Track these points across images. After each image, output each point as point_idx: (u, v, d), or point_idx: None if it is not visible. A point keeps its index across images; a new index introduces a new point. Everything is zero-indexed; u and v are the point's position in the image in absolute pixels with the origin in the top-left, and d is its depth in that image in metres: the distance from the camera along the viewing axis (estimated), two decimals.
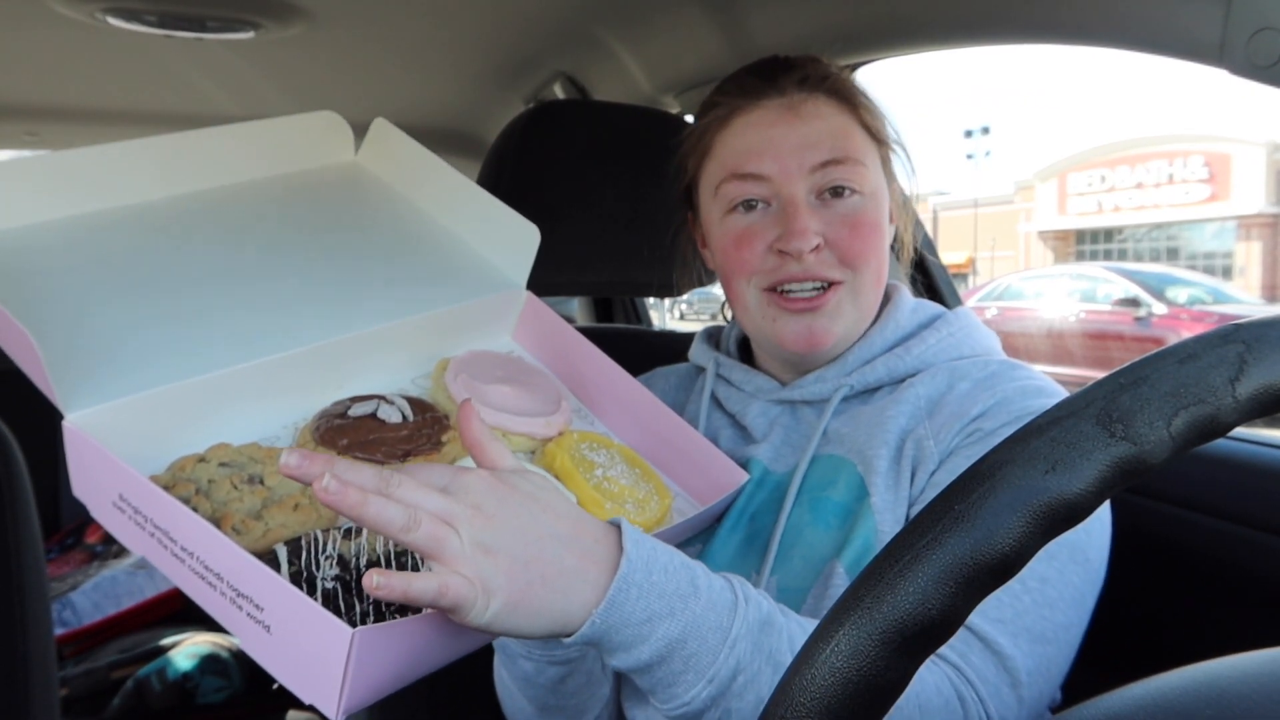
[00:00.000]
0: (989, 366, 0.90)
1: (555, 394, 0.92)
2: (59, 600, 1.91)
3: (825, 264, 0.90)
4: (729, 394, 1.00)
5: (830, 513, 0.87)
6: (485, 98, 1.92)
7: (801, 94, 0.92)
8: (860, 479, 0.88)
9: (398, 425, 0.83)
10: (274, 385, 0.84)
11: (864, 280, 0.92)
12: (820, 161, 0.90)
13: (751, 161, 0.92)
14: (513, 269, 0.98)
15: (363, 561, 0.70)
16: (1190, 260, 26.64)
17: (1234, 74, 0.80)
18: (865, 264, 0.91)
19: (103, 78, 1.74)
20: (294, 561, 0.68)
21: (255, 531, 0.71)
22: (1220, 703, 0.34)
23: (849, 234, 0.90)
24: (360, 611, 0.67)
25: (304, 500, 0.74)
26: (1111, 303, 11.81)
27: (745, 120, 0.93)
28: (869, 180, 0.92)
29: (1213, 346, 0.38)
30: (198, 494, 0.73)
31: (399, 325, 0.90)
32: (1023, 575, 0.76)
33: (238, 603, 0.62)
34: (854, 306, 0.92)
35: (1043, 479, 0.37)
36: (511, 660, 0.93)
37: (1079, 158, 30.12)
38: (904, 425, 0.88)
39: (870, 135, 0.94)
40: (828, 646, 0.37)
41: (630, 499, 0.84)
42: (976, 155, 35.33)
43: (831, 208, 0.91)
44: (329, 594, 0.67)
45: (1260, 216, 25.11)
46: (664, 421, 0.91)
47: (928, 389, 0.90)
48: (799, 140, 0.91)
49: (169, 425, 0.77)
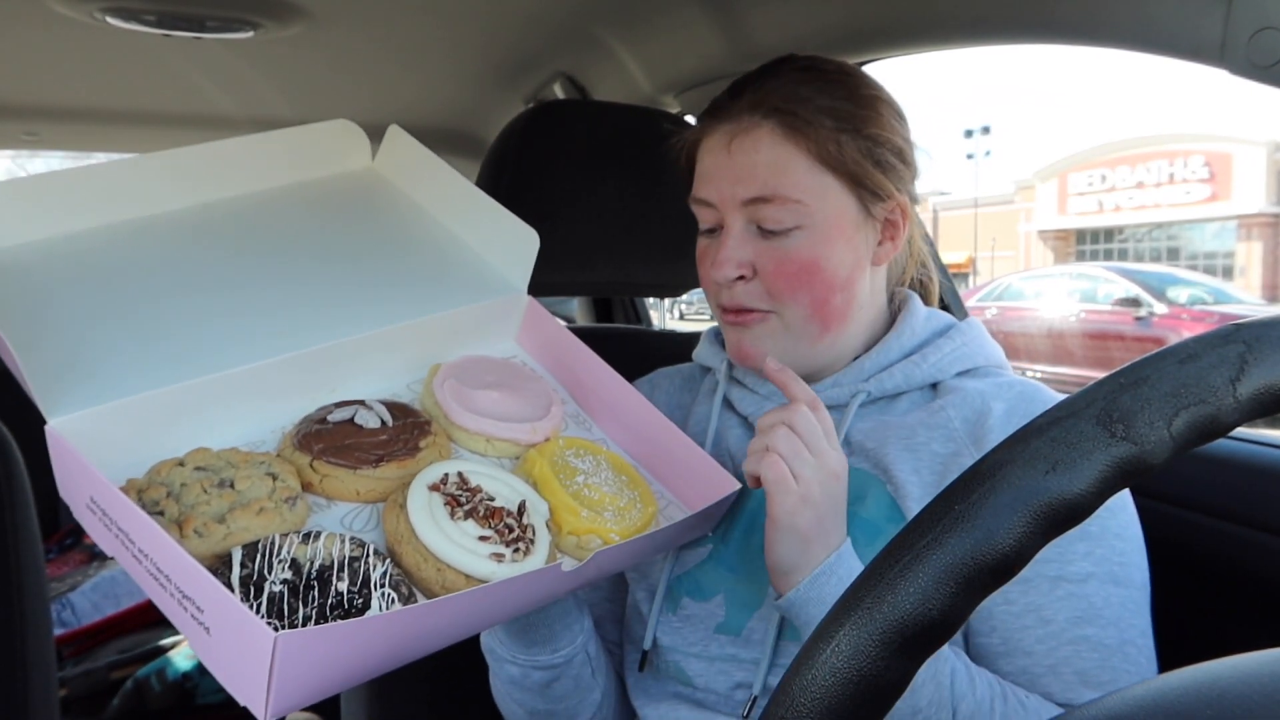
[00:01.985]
0: (1014, 387, 0.91)
1: (546, 400, 0.92)
2: (58, 600, 1.91)
3: (752, 295, 0.91)
4: (741, 395, 1.00)
5: (858, 528, 0.87)
6: (485, 98, 1.91)
7: (750, 119, 0.90)
8: (891, 500, 0.88)
9: (375, 430, 0.83)
10: (265, 390, 0.84)
11: (793, 314, 0.91)
12: (749, 198, 0.89)
13: (702, 187, 0.93)
14: (513, 274, 0.98)
15: (316, 566, 0.71)
16: (1191, 260, 26.64)
17: (1235, 74, 0.80)
18: (792, 299, 0.90)
19: (101, 77, 1.74)
20: (246, 564, 0.69)
21: (216, 534, 0.72)
22: (1220, 703, 0.34)
23: (774, 270, 0.90)
24: (303, 616, 0.68)
25: (269, 504, 0.75)
26: (1112, 303, 11.81)
27: (705, 146, 0.94)
28: (811, 214, 0.89)
29: (1213, 346, 0.38)
30: (168, 497, 0.74)
31: (396, 330, 0.91)
32: (1131, 637, 0.81)
33: (183, 604, 0.64)
34: (787, 336, 0.92)
35: (1043, 479, 0.37)
36: (499, 664, 0.93)
37: (1079, 157, 30.13)
38: (939, 450, 0.89)
39: (823, 163, 0.89)
40: (828, 646, 0.37)
41: (610, 507, 0.84)
42: (976, 155, 35.32)
43: (767, 239, 0.90)
44: (275, 597, 0.68)
45: (1261, 216, 25.10)
46: (659, 429, 0.91)
47: (960, 412, 0.90)
48: (733, 174, 0.90)
49: (155, 429, 0.79)
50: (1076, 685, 0.80)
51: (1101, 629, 0.80)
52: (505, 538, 0.76)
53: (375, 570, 0.72)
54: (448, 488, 0.78)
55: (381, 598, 0.70)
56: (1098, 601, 0.81)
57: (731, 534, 0.94)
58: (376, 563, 0.72)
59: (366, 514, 0.81)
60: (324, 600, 0.69)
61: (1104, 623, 0.80)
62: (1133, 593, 0.82)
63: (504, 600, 0.73)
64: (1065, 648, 0.80)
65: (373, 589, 0.70)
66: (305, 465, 0.80)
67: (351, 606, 0.69)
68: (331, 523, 0.79)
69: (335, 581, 0.70)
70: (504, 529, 0.77)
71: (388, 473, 0.80)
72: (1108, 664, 0.80)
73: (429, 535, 0.74)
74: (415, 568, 0.74)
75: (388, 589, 0.71)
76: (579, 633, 0.93)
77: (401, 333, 0.91)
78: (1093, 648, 0.80)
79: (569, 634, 0.92)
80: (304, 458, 0.80)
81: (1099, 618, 0.80)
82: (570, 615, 0.92)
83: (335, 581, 0.70)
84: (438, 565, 0.74)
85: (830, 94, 0.90)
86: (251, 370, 0.82)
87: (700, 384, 1.07)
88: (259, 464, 0.78)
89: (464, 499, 0.78)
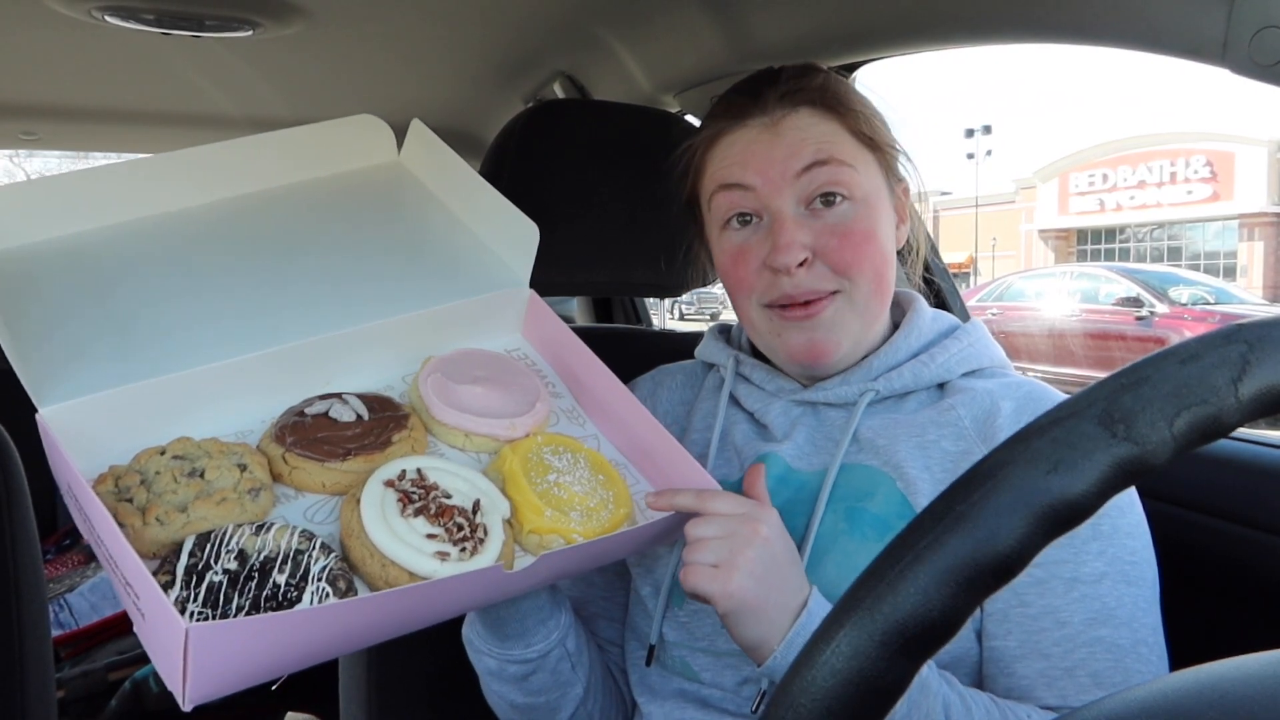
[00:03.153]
0: (1021, 387, 0.92)
1: (533, 395, 0.92)
2: (56, 601, 1.91)
3: (818, 277, 0.90)
4: (748, 392, 1.00)
5: (868, 524, 0.87)
6: (485, 97, 1.91)
7: (784, 109, 0.91)
8: (902, 496, 0.88)
9: (348, 424, 0.84)
10: (258, 382, 0.85)
11: (861, 289, 0.91)
12: (804, 166, 0.89)
13: (735, 173, 0.92)
14: (516, 267, 0.98)
15: (262, 558, 0.72)
16: (1192, 260, 26.64)
17: (1236, 73, 0.80)
18: (859, 272, 0.90)
19: (100, 77, 1.74)
20: (195, 554, 0.71)
21: (176, 523, 0.74)
22: (1223, 704, 0.33)
23: (838, 243, 0.89)
24: (236, 606, 0.69)
25: (231, 495, 0.76)
26: (1113, 302, 11.81)
27: (730, 139, 0.94)
28: (860, 185, 0.91)
29: (1215, 346, 0.38)
30: (140, 484, 0.75)
31: (396, 322, 0.91)
32: (1144, 636, 0.81)
33: (127, 590, 0.67)
34: (854, 315, 0.92)
35: (1044, 479, 0.37)
36: (478, 655, 0.95)
37: (1080, 156, 30.13)
38: (949, 449, 0.89)
39: (862, 141, 0.92)
40: (828, 647, 0.37)
41: (578, 507, 0.84)
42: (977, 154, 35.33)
43: (821, 218, 0.90)
44: (213, 587, 0.70)
45: (1263, 215, 25.11)
46: (650, 431, 0.91)
47: (970, 410, 0.90)
48: (782, 152, 0.90)
49: (146, 419, 0.80)
50: (1090, 687, 0.80)
51: (1115, 630, 0.80)
52: (453, 536, 0.77)
53: (316, 564, 0.73)
54: (402, 484, 0.79)
55: (315, 592, 0.71)
56: (1111, 602, 0.81)
57: None
58: (320, 556, 0.74)
59: (330, 506, 0.82)
60: (259, 592, 0.70)
61: (1118, 623, 0.81)
62: (1144, 591, 0.83)
63: (439, 598, 0.73)
64: (1081, 650, 0.80)
65: (309, 582, 0.72)
66: (278, 456, 0.81)
67: (284, 599, 0.70)
68: (296, 513, 0.80)
69: (275, 574, 0.71)
70: (453, 527, 0.77)
71: (354, 466, 0.81)
72: (1121, 664, 0.80)
73: (376, 531, 0.75)
74: (361, 562, 0.75)
75: (323, 583, 0.72)
76: (555, 628, 0.93)
77: (401, 325, 0.92)
78: (1107, 649, 0.80)
79: (543, 629, 0.92)
80: (277, 449, 0.82)
81: (1113, 618, 0.81)
82: (544, 611, 0.92)
83: (275, 574, 0.71)
84: (382, 561, 0.74)
85: (841, 86, 0.95)
86: (244, 362, 0.83)
87: (703, 381, 1.07)
88: (232, 454, 0.79)
89: (416, 496, 0.78)
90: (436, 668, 1.24)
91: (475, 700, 1.01)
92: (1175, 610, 1.03)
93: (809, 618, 0.79)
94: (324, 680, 1.29)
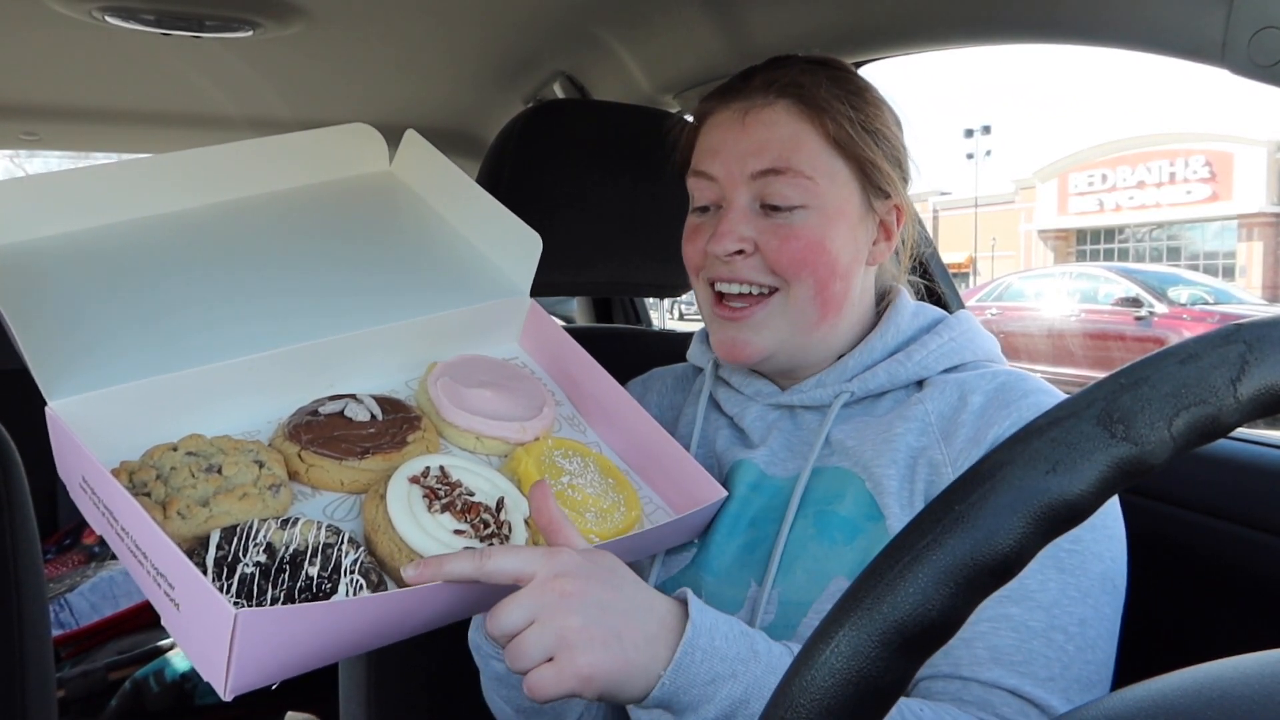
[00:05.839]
0: (996, 378, 0.89)
1: (539, 401, 0.92)
2: (56, 601, 1.91)
3: (754, 269, 0.90)
4: (727, 396, 1.00)
5: (837, 528, 0.86)
6: (485, 98, 1.91)
7: (763, 99, 0.90)
8: (870, 497, 0.86)
9: (363, 424, 0.84)
10: (264, 382, 0.86)
11: (797, 293, 0.90)
12: (759, 170, 0.89)
13: (705, 160, 0.93)
14: (517, 276, 0.98)
15: (290, 551, 0.72)
16: (1192, 260, 26.64)
17: (1236, 73, 0.80)
18: (796, 276, 0.89)
19: (100, 77, 1.74)
20: (223, 546, 0.71)
21: (199, 517, 0.74)
22: (1222, 704, 0.33)
23: (779, 244, 0.89)
24: (271, 597, 0.69)
25: (252, 490, 0.76)
26: (1112, 303, 11.81)
27: (712, 121, 0.94)
28: (819, 194, 0.89)
29: (1214, 347, 0.38)
30: (157, 479, 0.76)
31: (398, 328, 0.92)
32: (1063, 624, 0.77)
33: (158, 580, 0.66)
34: (786, 320, 0.91)
35: (1043, 480, 0.37)
36: (486, 660, 0.93)
37: (1079, 157, 30.12)
38: (913, 444, 0.87)
39: (836, 146, 0.90)
40: (827, 647, 0.37)
41: (593, 508, 0.84)
42: (977, 155, 35.30)
43: (770, 217, 0.90)
44: (246, 578, 0.69)
45: (1262, 216, 25.11)
46: (651, 435, 0.91)
47: (937, 405, 0.88)
48: (745, 147, 0.90)
49: (154, 415, 0.81)
50: (986, 660, 0.77)
51: (1027, 610, 0.77)
52: (480, 532, 0.77)
53: (347, 557, 0.73)
54: (427, 480, 0.79)
55: (350, 584, 0.71)
56: (1032, 584, 0.78)
57: (711, 538, 0.93)
58: (349, 550, 0.74)
59: (349, 504, 0.82)
60: (293, 584, 0.70)
61: (1033, 605, 0.77)
62: (1081, 581, 0.78)
63: (470, 594, 0.73)
64: (983, 623, 0.77)
65: (342, 574, 0.72)
66: (293, 454, 0.81)
67: (319, 590, 0.71)
68: (314, 511, 0.80)
69: (307, 566, 0.71)
70: (480, 524, 0.77)
71: (372, 465, 0.82)
72: (1025, 645, 0.76)
73: (404, 526, 0.75)
74: (389, 557, 0.75)
75: (357, 575, 0.72)
76: None
77: (403, 330, 0.92)
78: (1013, 627, 0.77)
79: None
80: (293, 447, 0.82)
81: (1029, 599, 0.77)
82: None
83: (307, 566, 0.71)
84: (410, 556, 0.74)
85: (841, 85, 0.91)
86: (251, 361, 0.84)
87: (692, 384, 1.07)
88: (248, 451, 0.80)
89: (443, 492, 0.78)
90: (436, 668, 1.24)
91: (475, 700, 1.01)
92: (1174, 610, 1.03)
93: (695, 634, 0.71)
94: (324, 680, 1.29)
